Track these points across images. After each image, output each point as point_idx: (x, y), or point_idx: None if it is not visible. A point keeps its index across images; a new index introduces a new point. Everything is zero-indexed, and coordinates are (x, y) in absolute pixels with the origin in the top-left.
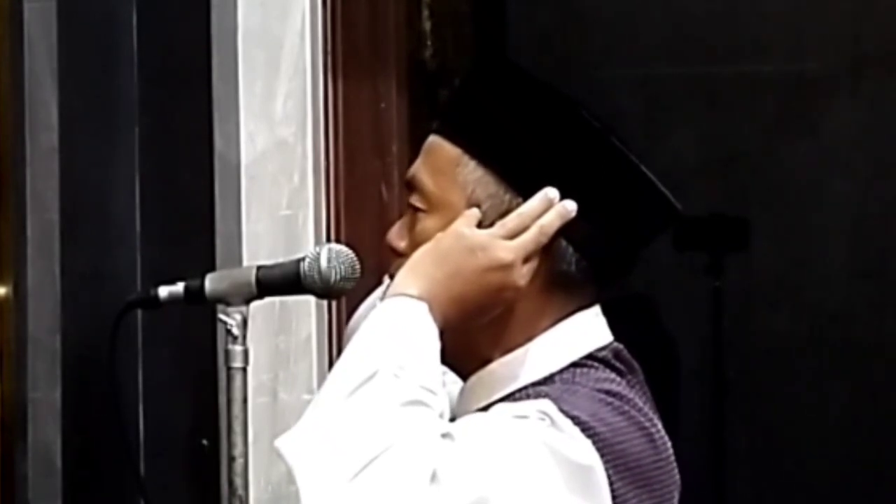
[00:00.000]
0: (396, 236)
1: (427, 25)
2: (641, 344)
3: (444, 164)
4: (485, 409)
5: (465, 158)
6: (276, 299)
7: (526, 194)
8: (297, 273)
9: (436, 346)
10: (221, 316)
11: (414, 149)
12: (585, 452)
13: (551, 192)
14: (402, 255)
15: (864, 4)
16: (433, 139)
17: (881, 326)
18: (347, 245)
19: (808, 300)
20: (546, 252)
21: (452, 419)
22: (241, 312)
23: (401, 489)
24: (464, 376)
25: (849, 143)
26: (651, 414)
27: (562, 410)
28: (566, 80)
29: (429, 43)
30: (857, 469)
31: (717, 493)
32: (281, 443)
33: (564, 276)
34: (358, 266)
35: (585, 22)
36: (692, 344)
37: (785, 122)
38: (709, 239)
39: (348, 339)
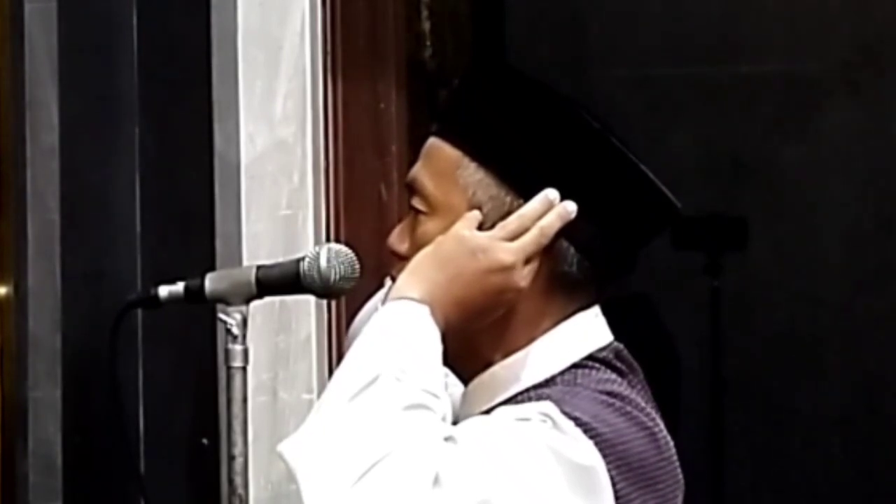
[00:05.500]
0: (397, 239)
1: (426, 26)
2: (641, 343)
3: (444, 166)
4: (487, 412)
5: (466, 160)
6: (276, 299)
7: (526, 196)
8: (297, 273)
9: (438, 349)
10: (221, 315)
11: (413, 149)
12: (588, 453)
13: (551, 194)
14: (404, 259)
15: (862, 5)
16: (433, 141)
17: (879, 325)
18: (347, 245)
19: (805, 300)
20: (547, 253)
21: (455, 422)
22: (241, 312)
23: (404, 493)
24: (465, 380)
25: (847, 144)
26: (653, 414)
27: (564, 412)
28: (566, 80)
29: (428, 43)
30: (856, 469)
31: (716, 492)
32: (284, 447)
33: (565, 276)
34: (357, 266)
35: (585, 22)
36: (690, 343)
37: (783, 123)
38: (707, 239)
39: (350, 343)
